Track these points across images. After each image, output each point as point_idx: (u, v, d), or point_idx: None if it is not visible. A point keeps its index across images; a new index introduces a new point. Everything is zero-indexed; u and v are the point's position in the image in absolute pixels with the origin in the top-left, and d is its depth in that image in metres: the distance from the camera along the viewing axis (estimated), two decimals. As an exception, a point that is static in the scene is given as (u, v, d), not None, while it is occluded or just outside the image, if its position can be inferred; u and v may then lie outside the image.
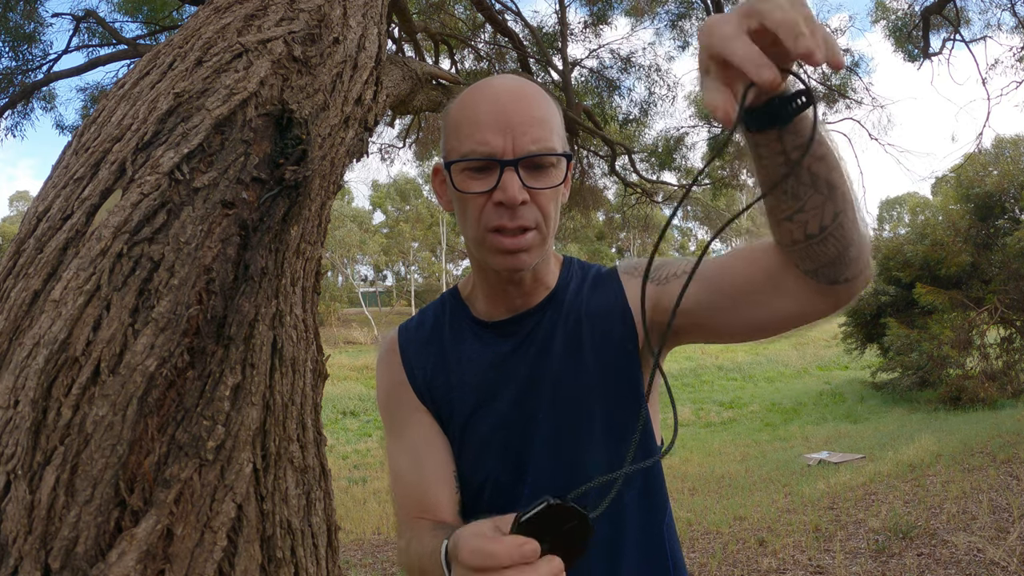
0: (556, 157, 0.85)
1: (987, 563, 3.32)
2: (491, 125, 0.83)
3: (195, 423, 0.50)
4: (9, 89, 6.08)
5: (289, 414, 0.60)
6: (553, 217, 0.88)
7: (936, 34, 7.59)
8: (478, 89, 0.88)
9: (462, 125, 0.86)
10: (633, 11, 8.03)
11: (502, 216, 0.83)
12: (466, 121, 0.86)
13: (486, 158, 0.83)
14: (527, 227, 0.84)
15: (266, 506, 0.53)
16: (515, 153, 0.82)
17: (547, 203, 0.86)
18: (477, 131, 0.83)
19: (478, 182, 0.84)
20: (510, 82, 0.88)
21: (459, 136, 0.86)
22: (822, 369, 18.13)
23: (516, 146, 0.82)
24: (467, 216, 0.87)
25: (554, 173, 0.85)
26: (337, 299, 31.17)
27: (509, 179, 0.82)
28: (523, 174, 0.83)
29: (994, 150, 12.51)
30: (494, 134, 0.82)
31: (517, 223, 0.83)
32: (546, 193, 0.85)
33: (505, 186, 0.82)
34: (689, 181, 9.87)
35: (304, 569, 0.56)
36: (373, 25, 0.89)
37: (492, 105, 0.84)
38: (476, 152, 0.83)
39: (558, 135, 0.87)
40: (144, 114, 0.63)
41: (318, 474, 0.61)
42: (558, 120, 0.89)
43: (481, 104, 0.85)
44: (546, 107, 0.86)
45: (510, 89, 0.86)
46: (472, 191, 0.84)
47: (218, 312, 0.54)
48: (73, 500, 0.43)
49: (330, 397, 14.22)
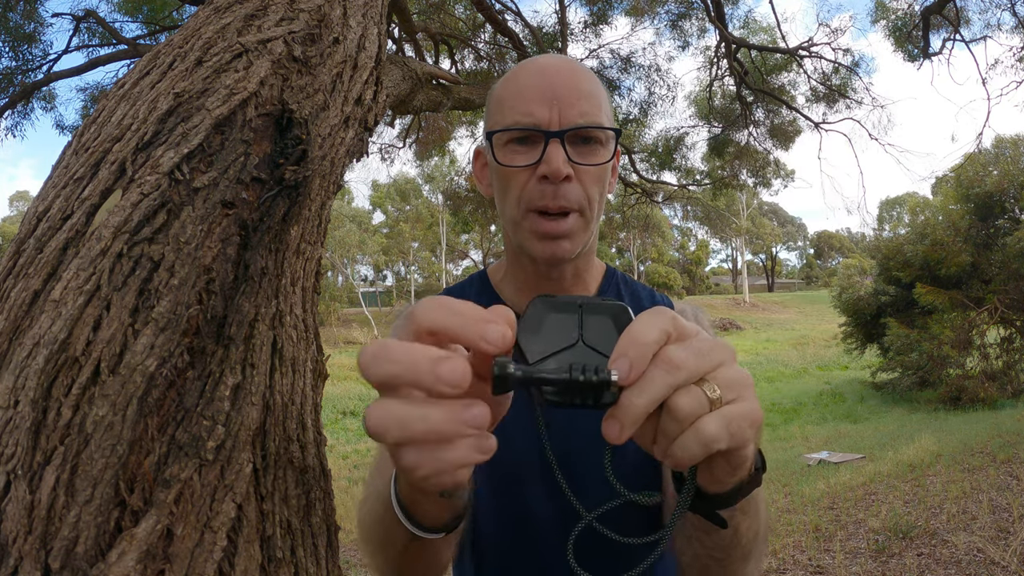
0: (604, 136, 0.80)
1: (987, 563, 3.32)
2: (536, 97, 0.79)
3: (195, 423, 0.50)
4: (9, 89, 6.08)
5: (289, 414, 0.60)
6: (598, 202, 0.82)
7: (936, 34, 7.59)
8: (523, 65, 0.84)
9: (506, 99, 0.82)
10: (633, 11, 8.02)
11: (544, 194, 0.78)
12: (510, 94, 0.82)
13: (531, 128, 0.78)
14: (569, 208, 0.79)
15: (266, 506, 0.53)
16: (561, 125, 0.78)
17: (592, 183, 0.81)
18: (522, 103, 0.79)
19: (521, 155, 0.80)
20: (556, 58, 0.84)
21: (503, 110, 0.82)
22: (822, 369, 18.13)
23: (563, 118, 0.78)
24: (507, 194, 0.82)
25: (601, 152, 0.81)
26: (337, 299, 31.19)
27: (554, 151, 0.77)
28: (569, 149, 0.78)
29: (994, 150, 12.51)
30: (539, 105, 0.78)
31: (559, 202, 0.78)
32: (592, 172, 0.80)
33: (549, 158, 0.77)
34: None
35: (304, 569, 0.56)
36: (373, 25, 0.89)
37: (538, 78, 0.80)
38: (520, 123, 0.79)
39: (606, 113, 0.82)
40: (144, 114, 0.63)
41: (318, 474, 0.61)
42: (606, 98, 0.84)
43: (527, 77, 0.81)
44: (594, 83, 0.82)
45: (557, 63, 0.82)
46: (514, 164, 0.79)
47: (218, 312, 0.54)
48: (73, 500, 0.43)
49: (330, 397, 14.22)
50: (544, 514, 0.84)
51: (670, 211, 42.71)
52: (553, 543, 0.84)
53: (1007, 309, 10.61)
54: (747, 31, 8.89)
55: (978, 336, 10.84)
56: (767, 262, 60.46)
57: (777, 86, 8.54)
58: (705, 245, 56.05)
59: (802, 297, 42.65)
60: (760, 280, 60.20)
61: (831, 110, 8.64)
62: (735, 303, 37.53)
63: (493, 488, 0.84)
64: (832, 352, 19.55)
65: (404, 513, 0.59)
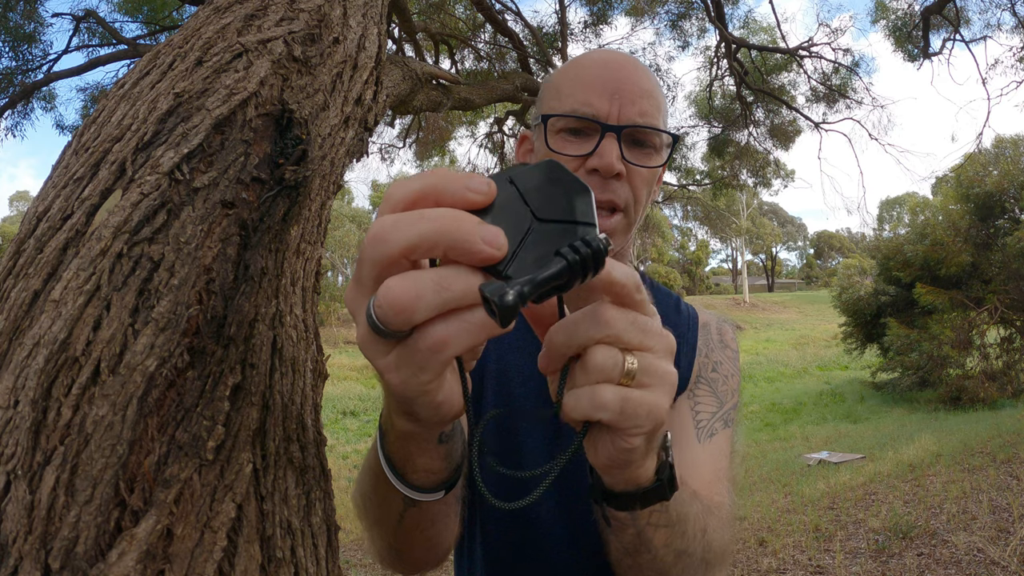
0: (659, 141, 0.79)
1: (987, 563, 3.32)
2: (598, 88, 0.77)
3: (195, 423, 0.50)
4: (9, 89, 6.08)
5: (289, 414, 0.60)
6: (643, 204, 0.80)
7: (936, 34, 7.59)
8: (586, 55, 0.83)
9: (565, 85, 0.80)
10: (633, 11, 8.02)
11: (592, 185, 0.75)
12: (570, 81, 0.79)
13: (589, 118, 0.76)
14: (616, 205, 0.77)
15: (266, 506, 0.53)
16: (619, 120, 0.76)
17: (641, 185, 0.79)
18: (582, 91, 0.77)
19: (574, 145, 0.77)
20: (621, 53, 0.82)
21: (560, 96, 0.79)
22: (822, 369, 18.13)
23: (622, 114, 0.76)
24: None
25: (654, 156, 0.79)
26: (337, 299, 31.18)
27: (609, 145, 0.75)
28: (623, 147, 0.76)
29: (994, 150, 12.51)
30: (600, 97, 0.76)
31: (608, 196, 0.76)
32: (642, 173, 0.78)
33: (603, 152, 0.75)
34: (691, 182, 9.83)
35: (304, 569, 0.56)
36: (373, 25, 0.89)
37: (601, 69, 0.78)
38: (578, 111, 0.77)
39: (664, 118, 0.80)
40: (144, 114, 0.63)
41: (318, 474, 0.61)
42: (665, 103, 0.82)
43: (589, 67, 0.79)
44: (656, 85, 0.80)
45: (622, 58, 0.80)
46: (565, 152, 0.77)
47: (218, 312, 0.54)
48: (73, 500, 0.43)
49: (330, 397, 14.23)
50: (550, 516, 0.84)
51: (670, 211, 42.75)
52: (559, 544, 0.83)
53: (1007, 309, 10.60)
54: (747, 31, 8.88)
55: (978, 336, 10.84)
56: (767, 262, 60.46)
57: (777, 86, 8.53)
58: (705, 245, 56.06)
59: (802, 297, 42.64)
60: (760, 280, 60.19)
61: (831, 110, 8.64)
62: (735, 303, 37.53)
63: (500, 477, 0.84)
64: (832, 352, 19.55)
65: (396, 475, 0.56)
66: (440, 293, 0.34)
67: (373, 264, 0.35)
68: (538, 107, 0.85)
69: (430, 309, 0.34)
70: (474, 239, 0.34)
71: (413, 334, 0.36)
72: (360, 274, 0.37)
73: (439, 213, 0.34)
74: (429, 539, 0.68)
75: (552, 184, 0.40)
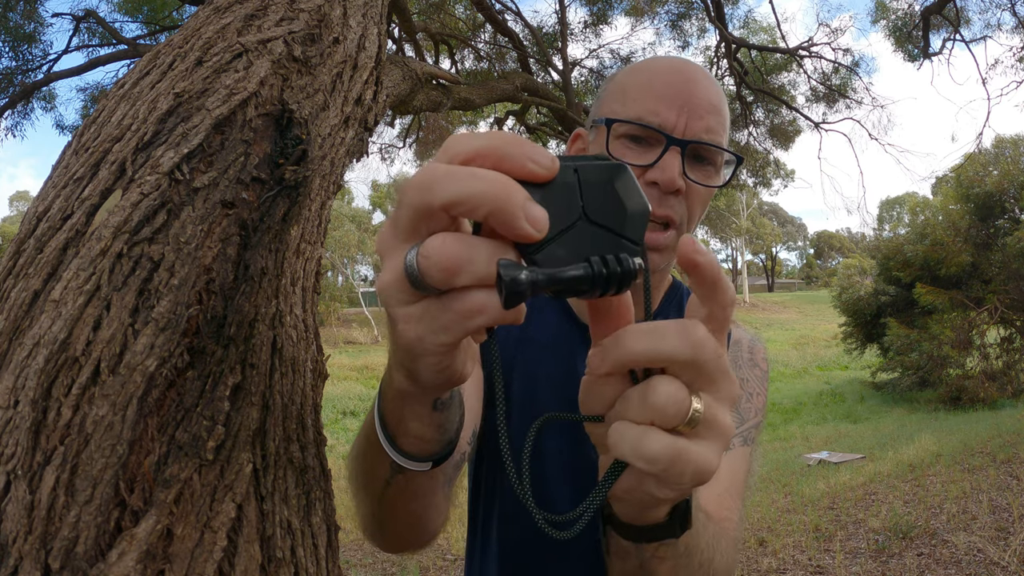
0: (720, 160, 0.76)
1: (987, 563, 3.32)
2: (667, 97, 0.74)
3: (195, 423, 0.50)
4: (9, 89, 6.08)
5: (289, 414, 0.59)
6: (696, 222, 0.78)
7: (936, 34, 7.59)
8: (656, 59, 0.80)
9: (631, 89, 0.77)
10: (633, 11, 8.02)
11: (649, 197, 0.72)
12: (638, 86, 0.76)
13: (655, 128, 0.73)
14: (672, 221, 0.74)
15: (266, 506, 0.53)
16: (685, 134, 0.73)
17: (697, 203, 0.76)
18: (650, 99, 0.74)
19: (634, 153, 0.75)
20: (692, 64, 0.79)
21: (626, 100, 0.76)
22: (822, 369, 18.13)
23: (689, 127, 0.73)
24: None
25: (714, 176, 0.77)
26: (337, 299, 31.18)
27: (672, 160, 0.72)
28: (685, 162, 0.73)
29: (994, 150, 12.52)
30: (668, 107, 0.73)
31: (665, 211, 0.73)
32: (701, 192, 0.76)
33: (665, 166, 0.72)
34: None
35: (304, 569, 0.56)
36: (373, 25, 0.89)
37: (671, 77, 0.75)
38: (644, 120, 0.74)
39: (728, 132, 0.78)
40: (144, 114, 0.63)
41: (318, 474, 0.61)
42: (729, 122, 0.79)
43: (659, 74, 0.76)
44: (724, 101, 0.78)
45: (693, 68, 0.77)
46: (626, 161, 0.73)
47: (218, 312, 0.54)
48: (73, 500, 0.43)
49: (330, 397, 14.22)
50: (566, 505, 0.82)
51: (670, 211, 42.56)
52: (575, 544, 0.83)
53: (1007, 309, 10.61)
54: (747, 31, 8.88)
55: (978, 336, 10.84)
56: (767, 262, 60.46)
57: (777, 86, 8.53)
58: (705, 245, 55.88)
59: (802, 297, 42.64)
60: (760, 280, 60.19)
61: (831, 110, 8.64)
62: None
63: None
64: (832, 352, 19.55)
65: (387, 438, 0.54)
66: (491, 265, 0.33)
67: (413, 209, 0.34)
68: (597, 106, 0.82)
69: (475, 278, 0.33)
70: (519, 213, 0.33)
71: (449, 294, 0.34)
72: (397, 217, 0.35)
73: (493, 176, 0.33)
74: (411, 513, 0.65)
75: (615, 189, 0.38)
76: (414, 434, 0.53)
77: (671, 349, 0.37)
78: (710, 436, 0.39)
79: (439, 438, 0.55)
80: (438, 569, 4.19)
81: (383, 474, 0.58)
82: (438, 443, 0.55)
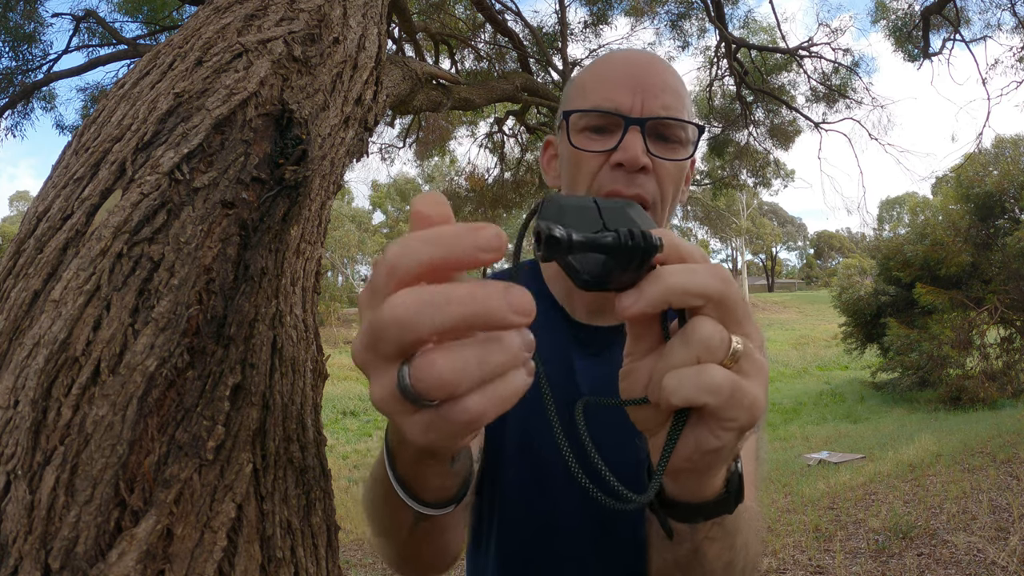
0: (685, 135, 0.77)
1: (987, 563, 3.32)
2: (620, 83, 0.76)
3: (195, 423, 0.50)
4: (9, 89, 6.08)
5: (289, 414, 0.60)
6: (671, 200, 0.78)
7: (936, 34, 7.59)
8: (610, 54, 0.83)
9: (588, 83, 0.79)
10: (633, 11, 8.02)
11: (617, 179, 0.74)
12: (593, 79, 0.79)
13: (611, 112, 0.75)
14: (644, 200, 0.75)
15: (266, 506, 0.53)
16: (643, 114, 0.75)
17: (668, 180, 0.77)
18: (604, 88, 0.77)
19: (597, 142, 0.76)
20: (644, 52, 0.82)
21: (584, 94, 0.79)
22: (822, 369, 18.12)
23: (645, 107, 0.75)
24: (577, 182, 0.78)
25: (680, 150, 0.77)
26: (337, 299, 31.17)
27: (633, 139, 0.74)
28: (648, 141, 0.75)
29: (994, 150, 12.51)
30: (622, 92, 0.75)
31: (634, 190, 0.74)
32: (668, 168, 0.76)
33: (627, 145, 0.73)
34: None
35: (304, 569, 0.56)
36: (373, 25, 0.89)
37: (624, 66, 0.78)
38: (601, 107, 0.76)
39: (688, 113, 0.79)
40: (144, 114, 0.63)
41: (318, 474, 0.61)
42: (689, 100, 0.81)
43: (612, 64, 0.79)
44: (680, 81, 0.79)
45: (645, 56, 0.80)
46: (590, 150, 0.76)
47: (218, 312, 0.54)
48: (73, 500, 0.43)
49: (330, 397, 14.22)
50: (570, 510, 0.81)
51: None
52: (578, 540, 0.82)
53: (1007, 309, 10.61)
54: (747, 31, 8.88)
55: (978, 336, 10.84)
56: (767, 262, 60.46)
57: (777, 86, 8.53)
58: (705, 245, 56.07)
59: (802, 297, 42.63)
60: (760, 280, 60.18)
61: (831, 110, 8.63)
62: (735, 303, 37.35)
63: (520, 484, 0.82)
64: (832, 352, 19.55)
65: (406, 491, 0.55)
66: (482, 367, 0.33)
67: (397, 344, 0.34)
68: (562, 107, 0.84)
69: (473, 384, 0.34)
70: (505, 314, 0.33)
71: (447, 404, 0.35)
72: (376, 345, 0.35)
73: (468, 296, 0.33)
74: (439, 548, 0.67)
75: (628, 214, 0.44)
76: (434, 487, 0.55)
77: (704, 284, 0.39)
78: (752, 371, 0.40)
79: (458, 483, 0.57)
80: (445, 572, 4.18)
81: (407, 522, 0.60)
82: (457, 486, 0.57)
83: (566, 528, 0.81)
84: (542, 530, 0.82)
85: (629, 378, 0.45)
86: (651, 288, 0.39)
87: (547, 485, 0.82)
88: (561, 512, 0.81)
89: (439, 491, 0.56)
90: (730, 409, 0.39)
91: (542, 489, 0.82)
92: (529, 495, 0.82)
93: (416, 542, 0.64)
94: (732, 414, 0.39)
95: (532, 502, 0.82)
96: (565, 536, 0.81)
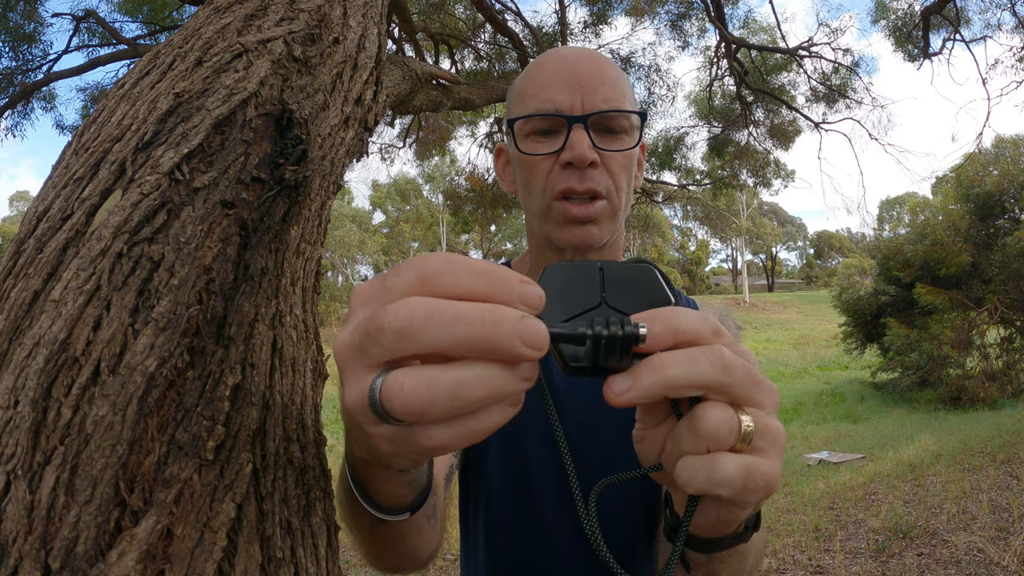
0: (629, 123, 0.78)
1: (987, 563, 3.32)
2: (558, 84, 0.76)
3: (195, 423, 0.50)
4: (9, 89, 6.08)
5: (289, 414, 0.60)
6: (625, 190, 0.79)
7: (936, 34, 7.59)
8: (544, 56, 0.83)
9: (527, 89, 0.80)
10: (633, 11, 8.02)
11: (570, 177, 0.75)
12: (531, 84, 0.79)
13: (553, 114, 0.76)
14: (597, 193, 0.76)
15: (266, 506, 0.53)
16: (584, 110, 0.75)
17: (618, 170, 0.78)
18: (543, 91, 0.77)
19: (544, 144, 0.77)
20: (577, 48, 0.82)
21: (524, 100, 0.79)
22: (822, 369, 18.12)
23: (586, 103, 0.76)
24: (531, 185, 0.78)
25: (626, 139, 0.78)
26: (337, 299, 31.19)
27: (578, 136, 0.74)
28: (593, 136, 0.76)
29: (994, 150, 12.51)
30: (561, 92, 0.76)
31: (587, 184, 0.75)
32: (617, 159, 0.77)
33: (573, 143, 0.74)
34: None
35: (304, 569, 0.56)
36: (373, 25, 0.89)
37: (559, 66, 0.78)
38: (542, 110, 0.76)
39: (630, 101, 0.79)
40: (144, 114, 0.63)
41: (318, 474, 0.61)
42: (630, 87, 0.81)
43: (548, 66, 0.79)
44: (617, 71, 0.80)
45: (577, 52, 0.80)
46: (538, 153, 0.77)
47: (218, 312, 0.54)
48: (73, 500, 0.43)
49: (330, 397, 14.22)
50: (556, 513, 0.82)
51: (670, 211, 42.74)
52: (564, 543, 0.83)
53: (1007, 309, 10.61)
54: (747, 31, 8.88)
55: (978, 336, 10.84)
56: (767, 262, 60.45)
57: (777, 86, 8.53)
58: (705, 245, 56.06)
59: (802, 297, 42.64)
60: (760, 280, 60.19)
61: (831, 110, 8.64)
62: (735, 303, 37.52)
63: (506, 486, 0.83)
64: (832, 352, 19.55)
65: (363, 495, 0.56)
66: (454, 401, 0.31)
67: (388, 353, 0.32)
68: (506, 116, 0.85)
69: (441, 415, 0.32)
70: (514, 345, 0.31)
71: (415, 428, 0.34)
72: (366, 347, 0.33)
73: (477, 317, 0.31)
74: (401, 553, 0.67)
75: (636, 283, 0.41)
76: (386, 494, 0.55)
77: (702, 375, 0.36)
78: (767, 445, 0.39)
79: (411, 492, 0.56)
80: (438, 569, 4.19)
81: (366, 522, 0.60)
82: (411, 496, 0.57)
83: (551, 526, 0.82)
84: (527, 528, 0.83)
85: (643, 443, 0.44)
86: (645, 379, 0.36)
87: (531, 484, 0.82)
88: (545, 510, 0.82)
89: (392, 498, 0.56)
90: (745, 494, 0.38)
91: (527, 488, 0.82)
92: (513, 494, 0.82)
93: (377, 543, 0.64)
94: (747, 497, 0.39)
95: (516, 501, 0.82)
96: (550, 534, 0.82)
